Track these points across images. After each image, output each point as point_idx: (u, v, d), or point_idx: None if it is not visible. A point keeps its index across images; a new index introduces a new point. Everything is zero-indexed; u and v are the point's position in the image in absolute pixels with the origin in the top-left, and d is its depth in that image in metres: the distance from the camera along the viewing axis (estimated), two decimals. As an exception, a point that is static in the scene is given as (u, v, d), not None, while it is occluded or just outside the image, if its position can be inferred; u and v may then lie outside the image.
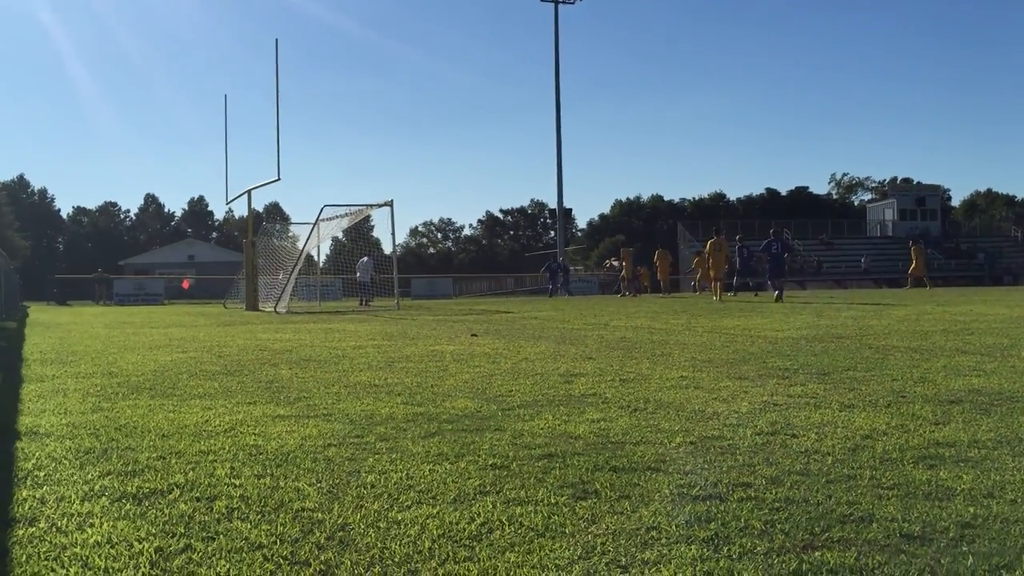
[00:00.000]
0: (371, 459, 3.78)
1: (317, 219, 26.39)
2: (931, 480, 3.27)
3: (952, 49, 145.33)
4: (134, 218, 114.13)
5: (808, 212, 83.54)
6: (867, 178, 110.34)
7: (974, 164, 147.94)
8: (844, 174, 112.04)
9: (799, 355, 7.94)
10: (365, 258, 32.96)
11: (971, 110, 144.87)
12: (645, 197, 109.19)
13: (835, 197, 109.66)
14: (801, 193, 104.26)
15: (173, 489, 3.32)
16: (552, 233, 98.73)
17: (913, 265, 35.43)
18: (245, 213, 29.14)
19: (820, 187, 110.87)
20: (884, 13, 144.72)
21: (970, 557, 2.43)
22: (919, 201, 68.83)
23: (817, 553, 2.49)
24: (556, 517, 2.86)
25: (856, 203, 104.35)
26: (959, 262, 61.52)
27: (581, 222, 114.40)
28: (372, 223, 62.38)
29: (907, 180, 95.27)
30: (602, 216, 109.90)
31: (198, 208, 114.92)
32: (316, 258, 30.44)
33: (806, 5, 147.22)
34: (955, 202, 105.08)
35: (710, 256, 27.78)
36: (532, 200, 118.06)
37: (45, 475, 3.61)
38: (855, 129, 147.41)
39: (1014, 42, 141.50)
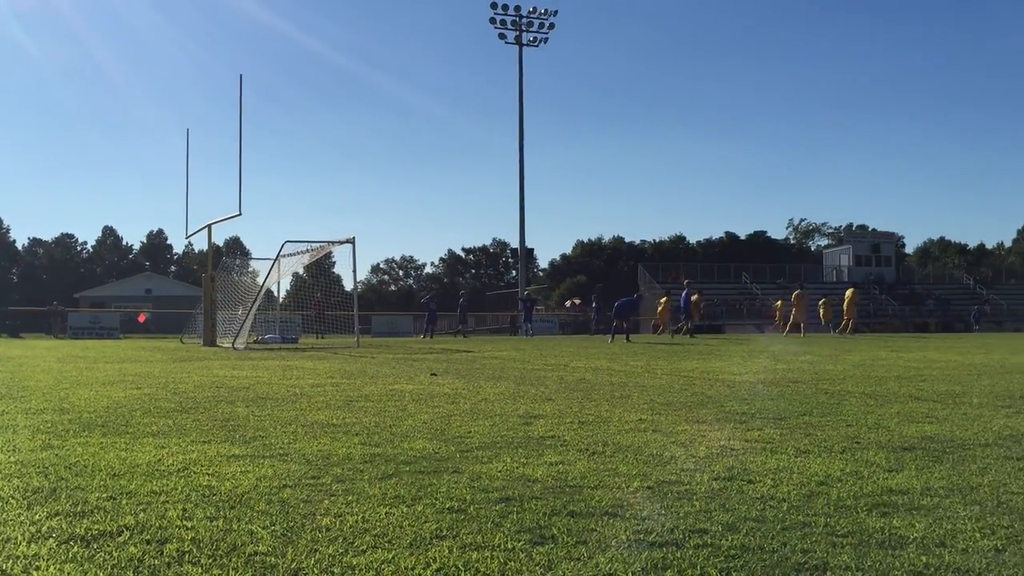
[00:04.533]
0: (327, 501, 3.74)
1: (278, 255, 26.25)
2: (884, 528, 3.30)
3: (909, 102, 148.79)
4: (91, 250, 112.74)
5: (766, 256, 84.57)
6: (824, 224, 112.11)
7: (928, 213, 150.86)
8: (802, 220, 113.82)
9: (756, 399, 8.00)
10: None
11: (926, 161, 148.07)
12: (607, 238, 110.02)
13: (793, 242, 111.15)
14: (759, 237, 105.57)
15: (123, 531, 3.26)
16: (514, 272, 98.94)
17: (794, 311, 35.56)
18: (205, 247, 28.91)
19: (778, 232, 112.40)
20: (841, 66, 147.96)
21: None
22: (874, 247, 69.92)
23: (772, 601, 2.50)
24: (512, 563, 2.85)
25: (813, 248, 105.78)
26: (912, 308, 62.44)
27: (543, 262, 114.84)
28: (333, 259, 61.87)
29: (863, 227, 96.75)
30: (564, 256, 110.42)
31: (157, 241, 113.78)
32: (276, 294, 30.24)
33: (765, 55, 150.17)
34: (909, 249, 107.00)
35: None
36: (494, 239, 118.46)
37: (-9, 515, 3.52)
38: (813, 176, 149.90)
39: (967, 96, 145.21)
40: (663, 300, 39.47)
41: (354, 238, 25.26)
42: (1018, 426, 6.10)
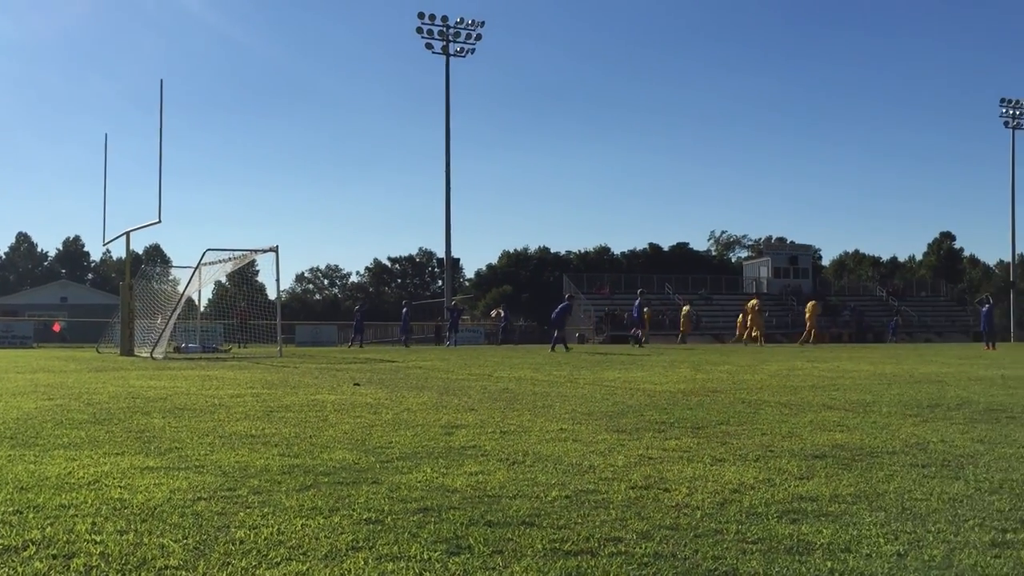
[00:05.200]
0: (242, 513, 3.69)
1: (199, 263, 25.82)
2: (793, 534, 3.39)
3: (825, 119, 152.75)
4: (3, 257, 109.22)
5: (688, 268, 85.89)
6: (744, 236, 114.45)
7: (843, 226, 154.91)
8: (723, 232, 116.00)
9: (675, 408, 8.13)
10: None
11: (842, 176, 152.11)
12: (532, 248, 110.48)
13: (714, 254, 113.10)
14: (682, 249, 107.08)
15: (28, 546, 3.17)
16: (440, 282, 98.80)
17: (752, 322, 36.95)
18: (123, 255, 28.26)
19: (700, 244, 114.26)
20: (761, 82, 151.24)
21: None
22: (792, 260, 71.51)
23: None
24: (428, 574, 2.86)
25: (733, 260, 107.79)
26: (828, 319, 63.99)
27: (469, 272, 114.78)
28: (257, 268, 61.09)
29: (781, 239, 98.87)
30: (490, 266, 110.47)
31: (73, 248, 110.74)
32: (197, 302, 29.69)
33: (688, 70, 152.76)
34: (825, 261, 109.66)
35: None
36: (420, 249, 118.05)
37: None
38: (734, 189, 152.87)
39: (881, 115, 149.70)
40: (685, 309, 40.85)
41: (277, 247, 25.02)
42: (924, 434, 6.31)
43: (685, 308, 43.68)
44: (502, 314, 45.25)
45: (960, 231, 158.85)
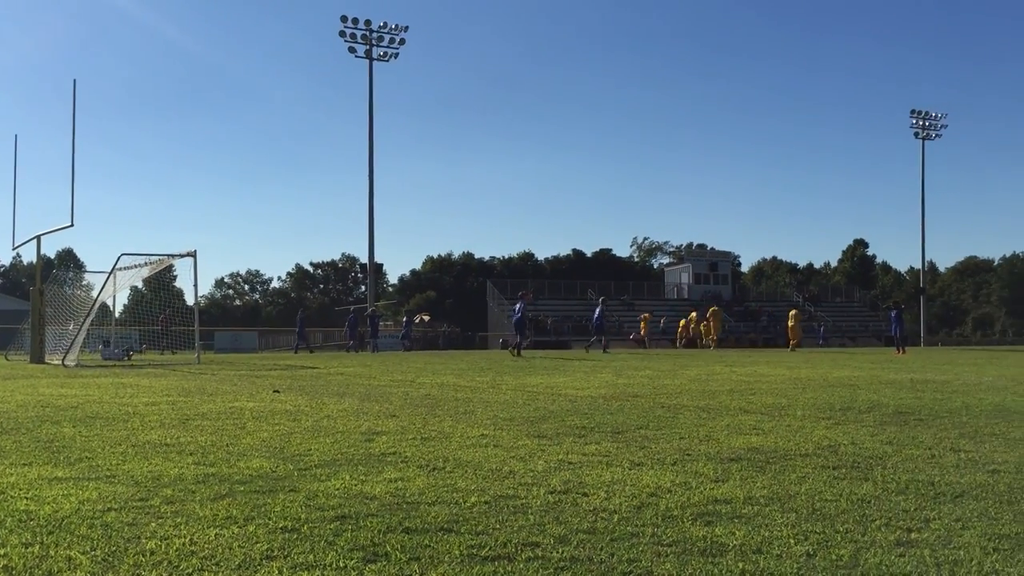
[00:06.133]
0: (154, 524, 3.62)
1: (113, 268, 25.18)
2: (707, 536, 3.45)
3: (744, 128, 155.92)
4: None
5: (611, 274, 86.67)
6: (666, 242, 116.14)
7: (762, 233, 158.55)
8: (645, 238, 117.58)
9: (596, 413, 8.20)
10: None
11: (761, 184, 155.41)
12: (456, 254, 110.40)
13: (636, 260, 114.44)
14: (605, 255, 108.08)
15: (-74, 561, 3.06)
16: (363, 288, 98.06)
17: (710, 327, 39.24)
18: (34, 259, 27.43)
19: (623, 250, 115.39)
20: (682, 90, 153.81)
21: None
22: (712, 266, 72.74)
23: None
24: (343, 581, 2.83)
25: (655, 266, 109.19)
26: (748, 324, 65.24)
27: (392, 277, 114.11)
28: (175, 273, 59.77)
29: (702, 246, 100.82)
30: (413, 272, 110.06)
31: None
32: (112, 308, 28.98)
33: (609, 77, 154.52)
34: (744, 268, 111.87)
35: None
36: (343, 254, 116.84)
37: None
38: (657, 196, 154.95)
39: (797, 122, 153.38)
40: (645, 316, 42.03)
41: (195, 251, 24.59)
42: (836, 437, 6.47)
43: (645, 315, 45.67)
44: (426, 319, 45.15)
45: (873, 238, 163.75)
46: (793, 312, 39.90)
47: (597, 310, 36.82)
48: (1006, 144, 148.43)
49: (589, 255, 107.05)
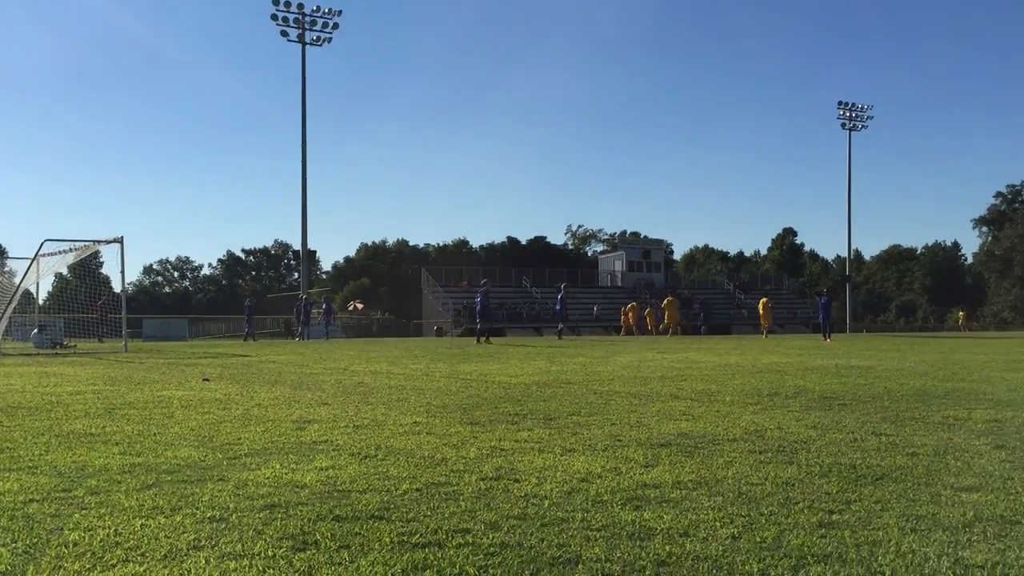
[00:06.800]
0: (77, 515, 3.55)
1: (36, 254, 24.52)
2: (635, 521, 3.49)
3: (676, 117, 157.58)
4: None
5: (546, 261, 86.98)
6: (600, 230, 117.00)
7: (694, 222, 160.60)
8: (579, 226, 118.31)
9: (529, 400, 8.24)
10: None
11: (692, 173, 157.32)
12: (391, 241, 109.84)
13: (571, 247, 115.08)
14: (539, 243, 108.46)
15: None
16: (296, 275, 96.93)
17: (667, 315, 41.28)
18: (-49, 244, 26.57)
19: (557, 238, 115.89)
20: (613, 79, 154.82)
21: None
22: (645, 254, 73.43)
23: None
24: (271, 571, 2.81)
25: (590, 254, 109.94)
26: (681, 312, 66.09)
27: (326, 264, 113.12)
28: (101, 259, 58.47)
29: (635, 234, 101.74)
30: (347, 259, 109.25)
31: None
32: (35, 295, 28.23)
33: (544, 64, 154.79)
34: (677, 255, 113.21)
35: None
36: (276, 241, 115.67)
37: None
38: (590, 184, 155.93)
39: (728, 112, 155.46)
40: (668, 300, 43.40)
41: (122, 237, 24.06)
42: (762, 422, 6.60)
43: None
44: (359, 307, 44.86)
45: (802, 227, 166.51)
46: (763, 300, 40.65)
47: (559, 296, 37.22)
48: (929, 135, 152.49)
49: (524, 243, 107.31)
